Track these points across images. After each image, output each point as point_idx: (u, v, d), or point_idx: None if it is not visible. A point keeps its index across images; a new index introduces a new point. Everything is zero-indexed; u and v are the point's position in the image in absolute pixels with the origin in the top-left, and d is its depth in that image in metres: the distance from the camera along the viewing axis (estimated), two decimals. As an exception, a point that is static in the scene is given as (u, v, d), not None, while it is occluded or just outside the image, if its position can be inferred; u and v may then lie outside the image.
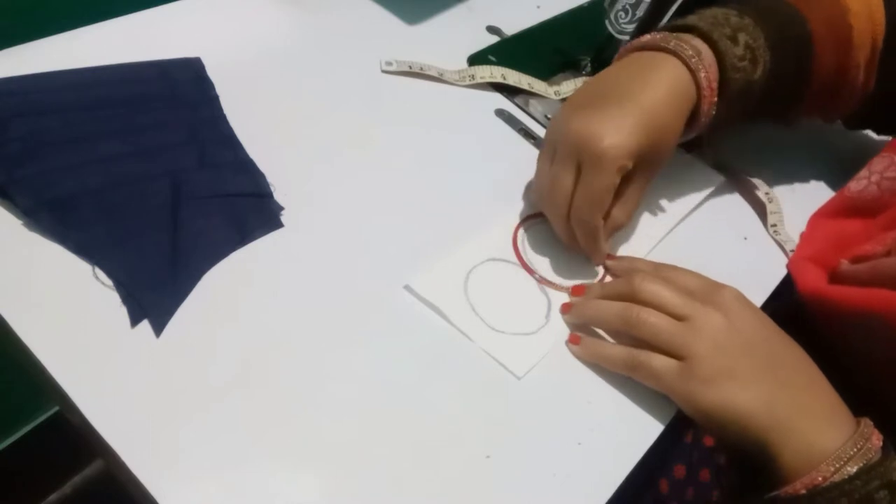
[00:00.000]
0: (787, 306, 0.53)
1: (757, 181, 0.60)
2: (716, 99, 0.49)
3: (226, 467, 0.36)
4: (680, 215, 0.55)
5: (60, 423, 0.95)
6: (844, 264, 0.51)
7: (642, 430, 0.43)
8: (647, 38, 0.51)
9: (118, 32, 0.53)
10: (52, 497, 1.00)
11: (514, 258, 0.49)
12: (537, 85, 0.62)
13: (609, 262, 0.50)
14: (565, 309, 0.47)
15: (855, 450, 0.37)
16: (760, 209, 0.59)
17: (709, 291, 0.44)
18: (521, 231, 0.51)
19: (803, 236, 0.57)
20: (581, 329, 0.46)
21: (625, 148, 0.45)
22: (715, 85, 0.49)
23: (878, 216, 0.54)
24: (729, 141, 0.62)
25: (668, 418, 0.44)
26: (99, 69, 0.50)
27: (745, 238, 0.57)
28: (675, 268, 0.47)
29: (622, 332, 0.45)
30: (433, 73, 0.60)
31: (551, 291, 0.48)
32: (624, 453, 0.42)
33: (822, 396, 0.41)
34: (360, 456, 0.38)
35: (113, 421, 0.35)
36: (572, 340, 0.45)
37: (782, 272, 0.55)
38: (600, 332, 0.47)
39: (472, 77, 0.61)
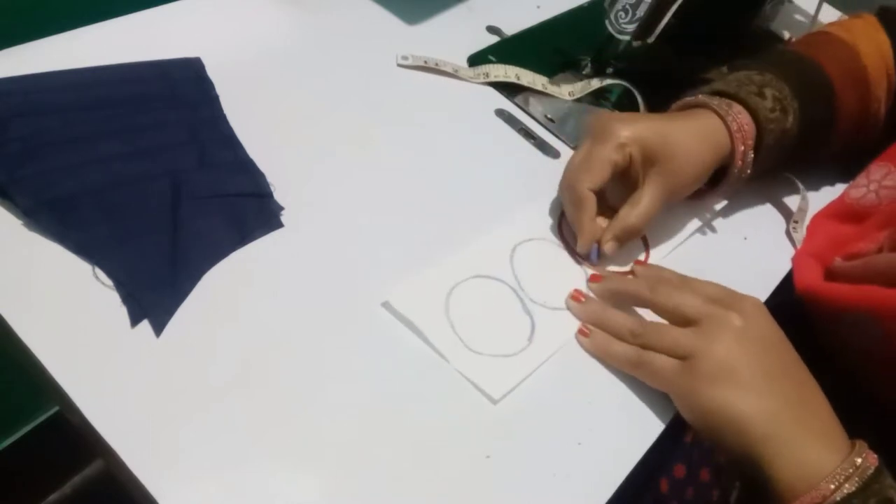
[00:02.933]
0: (787, 305, 0.53)
1: (796, 178, 0.60)
2: (751, 151, 0.53)
3: (226, 467, 0.36)
4: (681, 239, 0.54)
5: (60, 423, 0.95)
6: (838, 261, 0.52)
7: (642, 430, 0.43)
8: (686, 100, 0.55)
9: (118, 32, 0.53)
10: (52, 497, 1.00)
11: (502, 275, 0.48)
12: (551, 86, 0.62)
13: (637, 268, 0.50)
14: (594, 279, 0.48)
15: (852, 469, 0.37)
16: (781, 207, 0.60)
17: (731, 298, 0.44)
18: (516, 249, 0.50)
19: (807, 234, 0.58)
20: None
21: (629, 131, 0.48)
22: (750, 140, 0.52)
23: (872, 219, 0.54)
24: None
25: (668, 418, 0.44)
26: (99, 69, 0.50)
27: (745, 238, 0.57)
28: (700, 281, 0.46)
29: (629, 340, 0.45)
30: (448, 69, 0.60)
31: (536, 312, 0.46)
32: (624, 453, 0.42)
33: (820, 415, 0.40)
34: (360, 456, 0.38)
35: (113, 421, 0.35)
36: (581, 333, 0.46)
37: (783, 272, 0.55)
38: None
39: (487, 75, 0.61)
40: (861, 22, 0.61)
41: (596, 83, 0.63)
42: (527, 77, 0.62)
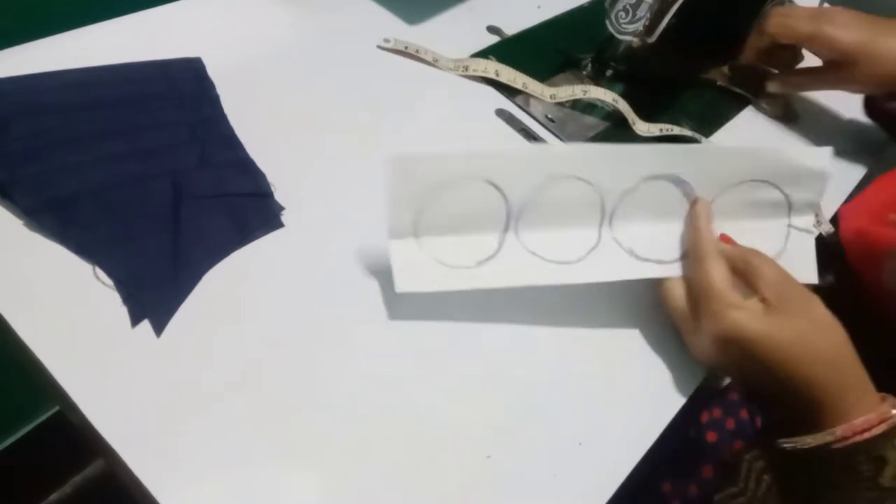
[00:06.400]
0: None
1: None
2: None
3: (226, 466, 0.36)
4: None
5: (60, 423, 0.95)
6: (892, 217, 0.54)
7: (643, 429, 0.43)
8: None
9: (118, 32, 0.53)
10: (53, 497, 1.00)
11: (509, 192, 0.42)
12: (532, 85, 0.61)
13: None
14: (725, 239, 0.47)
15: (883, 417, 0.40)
16: None
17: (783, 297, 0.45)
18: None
19: (865, 192, 0.59)
20: None
21: None
22: None
23: None
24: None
25: (668, 418, 0.44)
26: (99, 69, 0.50)
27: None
28: (759, 255, 0.46)
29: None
30: (428, 57, 0.60)
31: (509, 245, 0.42)
32: (624, 453, 0.42)
33: (854, 369, 0.43)
34: (360, 456, 0.38)
35: (113, 421, 0.35)
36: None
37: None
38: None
39: (466, 68, 0.61)
40: None
41: (579, 92, 0.61)
42: (507, 74, 0.61)
